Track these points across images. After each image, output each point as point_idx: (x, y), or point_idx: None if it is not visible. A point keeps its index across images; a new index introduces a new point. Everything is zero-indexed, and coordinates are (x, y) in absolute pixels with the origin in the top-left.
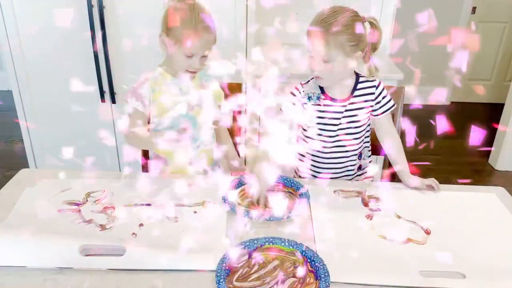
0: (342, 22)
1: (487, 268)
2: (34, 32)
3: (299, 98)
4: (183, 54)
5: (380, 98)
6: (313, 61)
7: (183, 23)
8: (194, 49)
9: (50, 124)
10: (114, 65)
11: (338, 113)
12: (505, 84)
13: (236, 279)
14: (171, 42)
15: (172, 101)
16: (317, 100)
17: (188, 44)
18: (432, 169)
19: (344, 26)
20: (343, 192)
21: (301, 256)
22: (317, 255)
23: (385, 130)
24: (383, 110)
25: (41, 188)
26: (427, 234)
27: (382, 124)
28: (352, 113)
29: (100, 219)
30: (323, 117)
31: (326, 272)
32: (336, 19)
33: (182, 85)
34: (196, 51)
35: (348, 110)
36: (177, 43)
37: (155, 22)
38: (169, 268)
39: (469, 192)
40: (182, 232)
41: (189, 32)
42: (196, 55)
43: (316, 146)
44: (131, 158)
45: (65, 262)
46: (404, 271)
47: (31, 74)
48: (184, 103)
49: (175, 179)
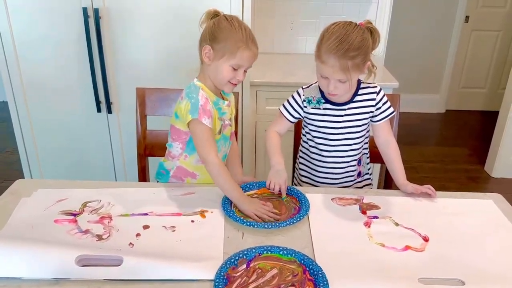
0: (356, 44)
1: (486, 274)
2: (30, 43)
3: (300, 102)
4: (229, 66)
5: (380, 104)
6: (328, 82)
7: (235, 36)
8: (243, 62)
9: (45, 134)
10: (110, 75)
11: (338, 117)
12: (499, 92)
13: None
14: (218, 54)
15: (220, 123)
16: (317, 104)
17: (239, 56)
18: (428, 177)
19: (359, 48)
20: (340, 200)
21: (299, 264)
22: (316, 263)
23: (384, 137)
24: (383, 116)
25: (37, 198)
26: (426, 241)
27: (381, 130)
28: (352, 117)
29: (97, 229)
30: (323, 121)
31: (325, 280)
32: (350, 43)
33: (223, 106)
34: (244, 64)
35: (348, 114)
36: (226, 55)
37: (151, 32)
38: (167, 278)
39: (467, 199)
40: (180, 241)
41: (241, 45)
42: (243, 67)
43: (315, 150)
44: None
45: (62, 273)
46: (403, 278)
47: (26, 84)
48: (223, 125)
49: (173, 188)
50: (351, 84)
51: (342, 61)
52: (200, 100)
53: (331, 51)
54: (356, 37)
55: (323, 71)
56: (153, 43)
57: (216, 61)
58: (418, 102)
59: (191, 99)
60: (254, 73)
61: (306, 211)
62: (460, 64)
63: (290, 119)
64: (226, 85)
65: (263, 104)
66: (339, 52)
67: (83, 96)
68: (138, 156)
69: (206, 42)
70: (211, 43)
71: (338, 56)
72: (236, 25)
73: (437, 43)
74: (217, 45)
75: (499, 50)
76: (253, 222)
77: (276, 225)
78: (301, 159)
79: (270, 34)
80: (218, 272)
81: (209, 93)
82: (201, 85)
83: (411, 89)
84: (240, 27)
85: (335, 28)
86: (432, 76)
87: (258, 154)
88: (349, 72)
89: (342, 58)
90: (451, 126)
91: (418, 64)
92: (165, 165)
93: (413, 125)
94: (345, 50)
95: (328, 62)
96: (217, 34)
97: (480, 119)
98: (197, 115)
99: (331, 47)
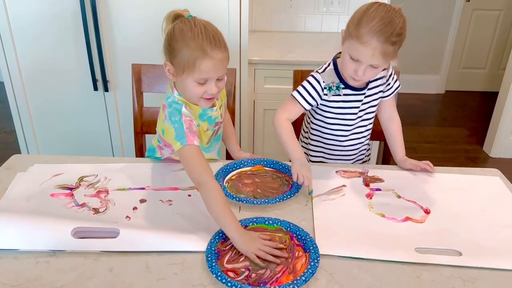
0: (399, 30)
1: (485, 247)
2: (25, 23)
3: (319, 89)
4: (193, 81)
5: (390, 79)
6: (357, 66)
7: (190, 45)
8: (206, 74)
9: (42, 114)
10: (106, 53)
11: (358, 102)
12: (500, 73)
13: (227, 262)
14: (178, 70)
15: (209, 133)
16: (337, 91)
17: (198, 69)
18: (427, 157)
19: (401, 34)
20: (345, 172)
21: (286, 232)
22: (302, 229)
23: (389, 112)
24: (392, 91)
25: (33, 173)
26: (427, 213)
27: (388, 106)
28: (369, 99)
29: (93, 203)
30: (344, 107)
31: (314, 244)
32: (395, 27)
33: (212, 113)
34: (209, 75)
35: (366, 96)
36: (185, 70)
37: (147, 11)
38: (162, 250)
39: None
40: (177, 214)
41: (198, 54)
42: (210, 79)
43: (331, 136)
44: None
45: (58, 244)
46: (399, 247)
47: (22, 64)
48: (217, 128)
49: (171, 163)
50: (378, 71)
51: (385, 45)
52: (184, 124)
53: (376, 33)
54: (399, 22)
55: (361, 53)
56: (150, 20)
57: (179, 77)
58: (418, 83)
59: (174, 123)
60: (252, 51)
61: (298, 188)
62: (460, 44)
63: (306, 107)
64: (200, 101)
65: (261, 82)
66: (384, 35)
67: (80, 74)
68: (135, 133)
69: (166, 56)
70: (170, 58)
71: (382, 39)
72: (193, 29)
73: (438, 22)
74: (175, 60)
75: (500, 30)
76: (244, 198)
77: (267, 202)
78: (312, 142)
79: (269, 12)
80: (208, 247)
81: (193, 108)
82: (182, 100)
83: (411, 69)
84: (200, 32)
85: (378, 9)
86: (432, 56)
87: (256, 133)
88: (389, 57)
89: (385, 42)
90: (451, 106)
91: (418, 44)
92: (156, 153)
93: (412, 106)
94: (389, 34)
95: (370, 44)
96: (173, 46)
97: (479, 100)
98: (186, 141)
99: (375, 28)
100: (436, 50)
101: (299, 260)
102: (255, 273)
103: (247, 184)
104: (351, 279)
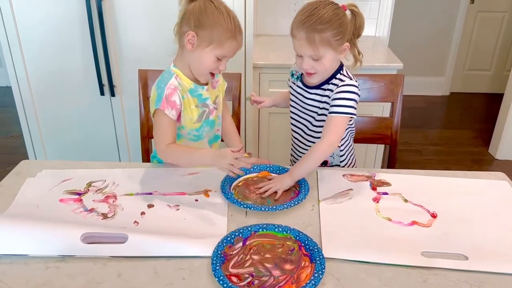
0: (325, 18)
1: (491, 252)
2: (32, 27)
3: (289, 72)
4: (214, 56)
5: (335, 96)
6: (302, 60)
7: (223, 25)
8: (229, 53)
9: (49, 119)
10: (112, 58)
11: (304, 98)
12: (505, 74)
13: (232, 266)
14: (203, 42)
15: (198, 111)
16: (296, 80)
17: (226, 47)
18: (432, 159)
19: (327, 22)
20: (352, 176)
21: (295, 240)
22: (311, 238)
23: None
24: (330, 111)
25: (42, 179)
26: (434, 217)
27: (326, 125)
28: (314, 103)
29: (102, 208)
30: (291, 100)
31: (321, 255)
32: (319, 16)
33: (203, 92)
34: (229, 55)
35: (310, 99)
36: (213, 44)
37: (153, 16)
38: (170, 255)
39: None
40: (184, 219)
41: (230, 35)
42: (226, 58)
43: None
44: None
45: (67, 250)
46: (406, 251)
47: (29, 69)
48: (208, 111)
49: (177, 169)
50: (324, 64)
51: (310, 34)
52: (165, 91)
53: (299, 23)
54: (326, 11)
55: (295, 47)
56: (156, 25)
57: (201, 49)
58: (422, 85)
59: (158, 88)
60: (257, 55)
61: (305, 195)
62: (465, 46)
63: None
64: (205, 75)
65: (266, 86)
66: (306, 24)
67: (86, 79)
68: (142, 138)
69: (190, 27)
70: (196, 30)
71: (305, 29)
72: (224, 13)
73: (442, 24)
74: (203, 32)
75: (505, 32)
76: (251, 204)
77: (273, 208)
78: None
79: (274, 16)
80: (215, 250)
81: (186, 80)
82: (177, 71)
83: (415, 71)
84: (229, 15)
85: (307, 4)
86: (437, 58)
87: (261, 137)
88: (316, 45)
89: (310, 31)
90: (456, 108)
91: (423, 46)
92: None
93: (417, 108)
94: (312, 22)
95: (297, 35)
96: (204, 21)
97: (485, 102)
98: (159, 105)
99: (299, 19)
100: (441, 52)
101: (304, 271)
102: (258, 279)
103: (253, 190)
104: (358, 283)
